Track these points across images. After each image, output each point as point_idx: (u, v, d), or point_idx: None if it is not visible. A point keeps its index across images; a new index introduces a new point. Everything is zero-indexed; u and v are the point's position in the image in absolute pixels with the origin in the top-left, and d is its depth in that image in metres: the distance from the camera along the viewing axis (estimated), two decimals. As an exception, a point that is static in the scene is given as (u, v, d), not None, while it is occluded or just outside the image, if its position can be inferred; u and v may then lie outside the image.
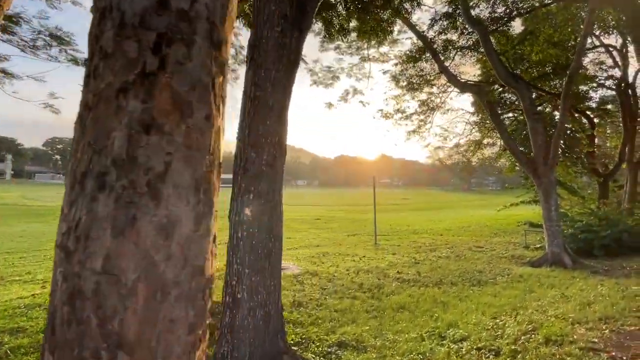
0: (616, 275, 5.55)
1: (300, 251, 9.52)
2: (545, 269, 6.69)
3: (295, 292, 5.17)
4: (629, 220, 8.46)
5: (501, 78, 7.78)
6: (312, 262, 7.72)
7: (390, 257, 8.68)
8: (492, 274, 6.60)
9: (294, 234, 13.19)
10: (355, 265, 7.48)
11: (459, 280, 6.20)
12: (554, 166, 7.09)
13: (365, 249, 10.00)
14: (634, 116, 13.09)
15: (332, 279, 6.04)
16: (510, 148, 7.49)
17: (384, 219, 20.13)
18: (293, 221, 17.38)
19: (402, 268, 7.25)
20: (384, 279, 6.27)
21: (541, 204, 7.30)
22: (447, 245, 10.62)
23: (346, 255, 8.80)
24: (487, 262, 7.80)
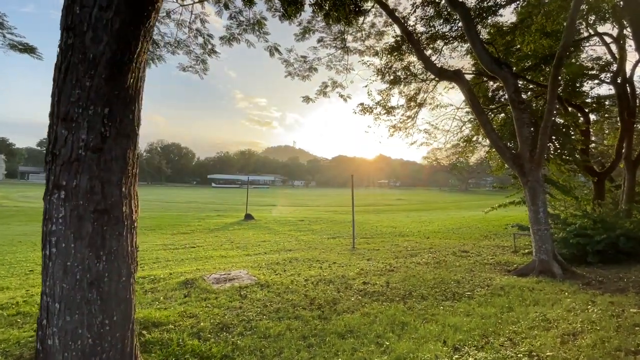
0: (611, 289, 4.74)
1: (267, 257, 8.68)
2: (532, 279, 5.87)
3: (228, 310, 4.33)
4: (626, 223, 7.64)
5: (484, 64, 6.97)
6: (272, 271, 6.88)
7: (364, 263, 7.85)
8: (471, 285, 5.78)
9: (271, 237, 12.35)
10: (319, 273, 6.65)
11: (432, 293, 5.38)
12: (542, 162, 6.27)
13: (339, 254, 9.17)
14: (632, 112, 12.30)
15: (282, 293, 5.20)
16: (493, 141, 6.66)
17: (373, 220, 19.33)
18: (275, 223, 16.56)
19: (371, 277, 6.42)
20: (345, 291, 5.43)
21: (527, 205, 6.47)
22: (431, 250, 9.81)
23: (315, 262, 7.97)
24: (469, 270, 6.98)
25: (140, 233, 12.86)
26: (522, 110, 6.49)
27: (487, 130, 6.72)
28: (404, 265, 7.59)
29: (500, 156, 6.72)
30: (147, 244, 10.46)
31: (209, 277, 5.99)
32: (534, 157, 6.25)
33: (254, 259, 8.31)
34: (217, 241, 11.34)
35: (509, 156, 6.60)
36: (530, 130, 6.41)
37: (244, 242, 11.28)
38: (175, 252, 9.26)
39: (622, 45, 10.68)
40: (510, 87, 6.62)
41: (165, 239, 11.47)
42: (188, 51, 10.30)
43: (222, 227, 14.97)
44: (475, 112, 6.84)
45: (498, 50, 11.44)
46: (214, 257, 8.74)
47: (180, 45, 10.17)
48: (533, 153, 6.31)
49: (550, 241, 6.34)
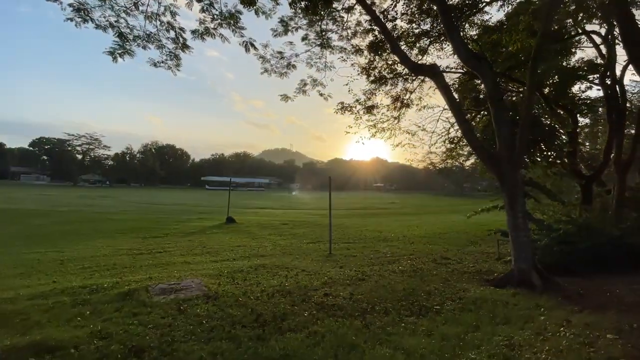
0: (592, 304, 4.25)
1: (234, 263, 8.12)
2: (508, 292, 5.37)
3: (154, 329, 3.77)
4: (614, 229, 7.17)
5: (462, 58, 6.52)
6: (231, 280, 6.32)
7: (335, 271, 7.32)
8: (442, 298, 5.26)
9: (248, 242, 11.78)
10: (281, 283, 6.10)
11: (397, 307, 4.86)
12: (521, 164, 5.80)
13: (313, 261, 8.63)
14: (622, 114, 11.92)
15: (229, 306, 4.65)
16: (470, 141, 6.19)
17: (360, 224, 18.81)
18: (257, 226, 15.99)
19: (336, 288, 5.89)
20: (300, 304, 4.89)
21: (506, 210, 5.98)
22: (412, 256, 9.29)
23: (283, 269, 7.43)
24: (444, 280, 6.47)
25: (110, 237, 12.26)
26: (501, 107, 6.03)
27: (464, 129, 6.25)
28: (377, 274, 7.07)
29: (478, 157, 6.25)
30: (112, 249, 9.86)
31: (155, 287, 5.43)
32: (513, 158, 5.77)
33: (218, 266, 7.75)
34: (188, 246, 10.75)
35: (487, 157, 6.13)
36: (509, 129, 5.93)
37: (217, 247, 10.71)
38: (137, 258, 8.67)
39: (610, 44, 10.31)
40: (489, 83, 6.16)
41: (134, 244, 10.86)
42: (160, 46, 9.75)
43: (200, 230, 14.38)
44: (452, 109, 6.37)
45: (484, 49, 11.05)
46: (177, 263, 8.17)
47: (151, 39, 9.63)
48: (512, 154, 5.83)
49: (530, 249, 5.86)
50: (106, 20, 8.58)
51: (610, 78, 12.07)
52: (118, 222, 16.68)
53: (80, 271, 7.22)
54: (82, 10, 8.08)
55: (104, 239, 11.81)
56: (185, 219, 18.31)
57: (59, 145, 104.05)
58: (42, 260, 8.26)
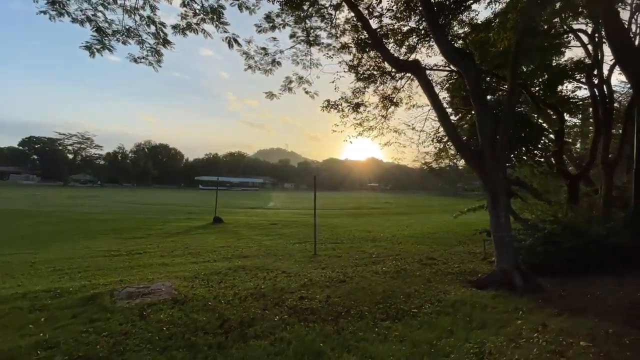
0: (571, 306, 4.10)
1: (213, 265, 7.88)
2: (489, 293, 5.21)
3: (108, 337, 3.54)
4: (600, 229, 7.07)
5: (445, 54, 6.36)
6: (206, 282, 6.09)
7: (316, 272, 7.12)
8: (421, 301, 5.09)
9: (232, 242, 11.53)
10: (257, 285, 5.89)
11: (373, 310, 4.67)
12: (503, 161, 5.65)
13: (295, 262, 8.42)
14: (609, 114, 11.90)
15: (195, 311, 4.42)
16: (452, 139, 6.03)
17: (350, 224, 18.65)
18: (244, 227, 15.73)
19: (314, 290, 5.69)
20: (272, 309, 4.68)
21: (488, 209, 5.84)
22: (398, 257, 9.13)
23: (263, 271, 7.21)
24: (426, 281, 6.30)
25: (92, 238, 11.92)
26: (483, 105, 5.87)
27: (447, 127, 6.09)
28: (359, 275, 6.89)
29: (460, 155, 6.09)
30: (90, 250, 9.55)
31: (122, 291, 5.17)
32: (495, 156, 5.62)
33: (197, 268, 7.50)
34: (170, 247, 10.47)
35: (469, 155, 5.97)
36: (491, 127, 5.78)
37: (200, 248, 10.44)
38: (113, 260, 8.38)
39: (597, 43, 10.25)
40: (472, 79, 6.00)
41: (114, 245, 10.55)
42: (140, 41, 9.45)
43: (185, 231, 14.08)
44: (435, 107, 6.21)
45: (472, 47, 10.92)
46: (155, 265, 7.90)
47: (131, 34, 9.33)
48: (494, 152, 5.68)
49: (512, 249, 5.72)
50: (83, 14, 8.28)
51: (598, 77, 12.04)
52: (102, 222, 16.30)
53: (50, 274, 6.92)
54: (57, 3, 7.77)
55: (84, 240, 11.48)
56: (172, 219, 17.97)
57: (50, 145, 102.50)
58: (12, 262, 7.93)
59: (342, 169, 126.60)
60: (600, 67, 12.29)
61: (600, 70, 12.26)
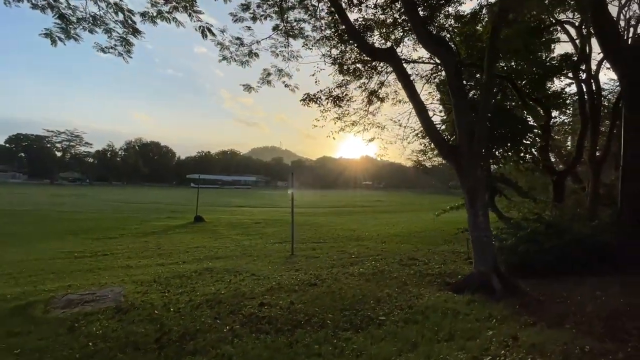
0: (548, 314, 3.74)
1: (180, 267, 7.40)
2: (465, 298, 4.84)
3: (21, 355, 3.06)
4: (584, 228, 6.76)
5: (423, 44, 5.95)
6: (165, 286, 5.63)
7: (287, 275, 6.70)
8: (391, 306, 4.70)
9: (209, 242, 11.04)
10: (217, 290, 5.44)
11: (337, 319, 4.26)
12: (480, 157, 5.28)
13: (270, 263, 7.98)
14: (597, 110, 11.65)
15: (136, 322, 3.96)
16: (429, 132, 5.63)
17: (337, 222, 18.25)
18: (225, 226, 15.22)
19: (279, 295, 5.26)
20: (225, 318, 4.24)
21: (466, 207, 5.46)
22: (379, 257, 8.76)
23: (232, 274, 6.77)
24: (402, 284, 5.92)
25: (60, 238, 11.32)
26: (461, 96, 5.48)
27: (423, 119, 5.69)
28: (333, 277, 6.48)
29: (438, 150, 5.70)
30: (53, 252, 8.98)
31: (62, 298, 4.68)
32: (472, 151, 5.24)
33: (161, 271, 7.02)
34: (141, 247, 9.95)
35: (446, 150, 5.59)
36: (469, 120, 5.39)
37: (173, 248, 9.94)
38: (73, 262, 7.85)
39: (585, 36, 9.95)
40: (450, 70, 5.60)
41: (82, 245, 9.98)
42: (107, 30, 8.87)
43: (163, 230, 13.54)
44: (410, 97, 5.80)
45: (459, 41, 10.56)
46: (116, 267, 7.39)
47: (97, 22, 8.74)
48: (471, 146, 5.30)
49: (491, 250, 5.36)
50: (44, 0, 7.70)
51: (586, 73, 11.78)
52: (78, 222, 15.64)
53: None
54: (13, -14, 7.18)
55: (51, 240, 10.87)
56: (153, 218, 17.37)
57: (37, 142, 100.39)
58: (-40, 265, 7.35)
59: (336, 167, 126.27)
60: (588, 61, 12.03)
61: (589, 65, 12.01)
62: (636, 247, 7.35)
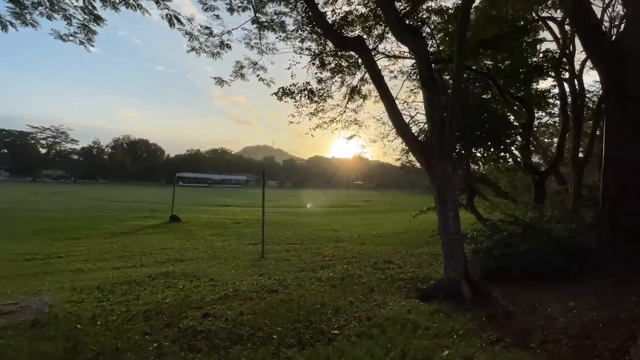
0: (515, 330, 3.36)
1: (134, 271, 6.86)
2: (431, 307, 4.45)
3: None
4: (562, 230, 6.44)
5: (394, 31, 5.55)
6: (103, 295, 5.11)
7: (249, 280, 6.23)
8: (350, 317, 4.27)
9: (180, 243, 10.47)
10: (163, 299, 4.94)
11: (284, 333, 3.81)
12: (451, 153, 4.90)
13: (236, 266, 7.50)
14: (580, 109, 11.46)
15: (51, 338, 3.44)
16: (398, 127, 5.22)
17: (321, 222, 17.82)
18: (202, 226, 14.64)
19: (230, 304, 4.79)
20: (160, 332, 3.75)
21: (436, 208, 5.07)
22: (353, 259, 8.34)
23: (189, 278, 6.26)
24: (369, 290, 5.51)
25: (21, 238, 10.61)
26: (432, 89, 5.08)
27: (391, 111, 5.27)
28: (297, 283, 6.04)
29: (407, 146, 5.29)
30: (3, 254, 8.32)
31: (-23, 310, 4.12)
32: (442, 148, 4.84)
33: (112, 275, 6.47)
34: (104, 249, 9.35)
35: (416, 147, 5.18)
36: (441, 114, 5.00)
37: (138, 250, 9.36)
38: (20, 266, 7.23)
39: (568, 36, 9.69)
40: (421, 59, 5.20)
41: (39, 247, 9.33)
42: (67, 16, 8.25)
43: (135, 230, 12.90)
44: (379, 90, 5.38)
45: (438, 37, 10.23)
46: (65, 271, 6.81)
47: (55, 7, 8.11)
48: (442, 143, 4.90)
49: (461, 255, 4.97)
50: (-7, -18, 7.09)
51: (569, 72, 11.57)
52: (48, 221, 14.87)
53: None
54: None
55: (12, 241, 10.17)
56: (128, 217, 16.68)
57: (21, 139, 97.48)
58: None
59: (328, 167, 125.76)
60: (572, 60, 11.84)
61: (572, 64, 11.81)
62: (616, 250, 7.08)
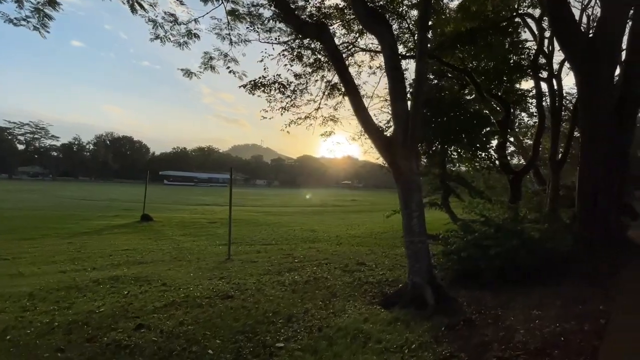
0: (471, 344, 3.04)
1: (81, 275, 6.30)
2: (391, 314, 4.11)
3: None
4: (535, 232, 6.22)
5: (358, 17, 5.18)
6: (37, 302, 4.59)
7: (206, 284, 5.78)
8: (300, 327, 3.88)
9: (145, 244, 9.89)
10: (97, 308, 4.44)
11: (223, 347, 3.39)
12: (416, 148, 4.56)
13: (197, 269, 7.01)
14: (558, 109, 11.40)
15: None
16: (362, 120, 4.86)
17: (300, 222, 17.42)
18: (175, 226, 14.02)
19: (173, 313, 4.34)
20: (78, 347, 3.28)
21: (400, 208, 4.73)
22: (325, 261, 7.96)
23: (140, 283, 5.76)
24: (330, 296, 5.13)
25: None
26: (397, 79, 4.74)
27: (355, 103, 4.91)
28: (257, 288, 5.61)
29: (371, 141, 4.93)
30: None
31: None
32: (406, 142, 4.51)
33: (55, 280, 5.90)
34: (58, 250, 8.71)
35: (380, 141, 4.83)
36: (406, 106, 4.67)
37: (97, 251, 8.75)
38: (-46, 269, 6.57)
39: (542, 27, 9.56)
40: (386, 48, 4.85)
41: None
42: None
43: (99, 230, 12.21)
44: (342, 81, 5.01)
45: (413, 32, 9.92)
46: (3, 276, 6.21)
47: (2, -12, 7.44)
48: (406, 137, 4.56)
49: (426, 259, 4.65)
50: None
51: (548, 72, 11.50)
52: (8, 220, 13.97)
53: None
54: None
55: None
56: (97, 216, 15.90)
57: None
58: None
59: (317, 166, 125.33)
60: (551, 61, 11.78)
61: (551, 64, 11.75)
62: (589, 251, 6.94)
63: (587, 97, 7.02)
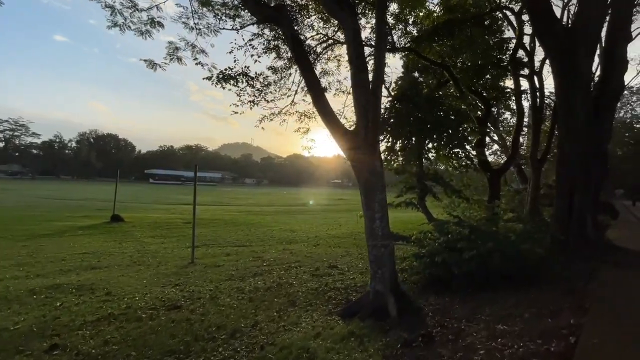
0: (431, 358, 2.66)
1: (18, 283, 5.69)
2: (347, 327, 3.69)
3: None
4: (509, 233, 5.90)
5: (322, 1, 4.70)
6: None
7: (156, 292, 5.29)
8: (242, 344, 3.45)
9: (108, 247, 9.25)
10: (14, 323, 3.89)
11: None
12: (377, 142, 4.16)
13: (154, 275, 6.48)
14: (540, 107, 11.22)
15: None
16: (323, 113, 4.42)
17: (281, 222, 16.93)
18: (146, 227, 13.34)
19: (103, 328, 3.83)
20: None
21: (362, 209, 4.31)
22: (295, 264, 7.53)
23: (80, 292, 5.22)
24: (288, 304, 4.70)
25: None
26: (361, 67, 4.32)
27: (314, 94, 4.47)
28: (211, 296, 5.15)
29: (333, 136, 4.50)
30: None
31: None
32: (368, 136, 4.09)
33: (-15, 289, 5.29)
34: (8, 254, 8.02)
35: (342, 136, 4.40)
36: (368, 96, 4.25)
37: (52, 255, 8.10)
38: None
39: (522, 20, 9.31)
40: (350, 33, 4.43)
41: None
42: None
43: (62, 231, 11.46)
44: (301, 68, 4.56)
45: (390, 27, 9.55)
46: None
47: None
48: (367, 131, 4.14)
49: (391, 264, 4.25)
50: None
51: (529, 69, 11.31)
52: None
53: None
54: None
55: None
56: (64, 217, 15.07)
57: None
58: None
59: (307, 165, 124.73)
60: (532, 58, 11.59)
61: (532, 61, 11.57)
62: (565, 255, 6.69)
63: (564, 90, 6.78)
